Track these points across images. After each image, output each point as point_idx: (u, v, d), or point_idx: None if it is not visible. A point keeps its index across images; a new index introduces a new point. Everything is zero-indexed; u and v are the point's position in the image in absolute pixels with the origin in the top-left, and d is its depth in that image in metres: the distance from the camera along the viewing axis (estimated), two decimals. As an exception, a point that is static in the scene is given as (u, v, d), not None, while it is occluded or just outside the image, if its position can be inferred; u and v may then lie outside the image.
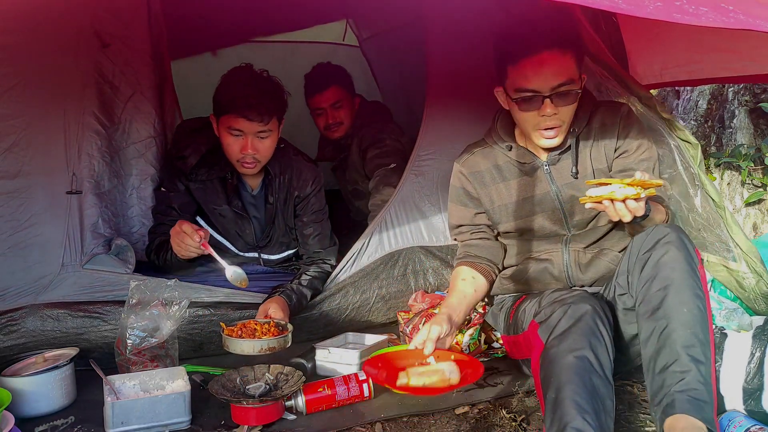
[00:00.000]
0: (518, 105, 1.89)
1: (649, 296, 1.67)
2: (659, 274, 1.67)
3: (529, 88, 1.85)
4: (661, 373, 1.58)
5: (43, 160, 2.25)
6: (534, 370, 1.72)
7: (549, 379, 1.60)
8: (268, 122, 2.31)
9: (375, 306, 2.57)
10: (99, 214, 2.36)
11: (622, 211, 1.66)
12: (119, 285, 2.26)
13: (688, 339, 1.57)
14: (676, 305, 1.61)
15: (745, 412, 1.72)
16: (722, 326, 1.84)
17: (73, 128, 2.31)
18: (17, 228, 2.20)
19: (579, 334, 1.63)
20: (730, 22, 1.25)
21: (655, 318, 1.63)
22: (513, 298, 2.11)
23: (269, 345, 1.96)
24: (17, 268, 2.20)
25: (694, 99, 4.11)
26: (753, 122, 3.76)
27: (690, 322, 1.59)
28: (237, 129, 2.30)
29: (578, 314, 1.67)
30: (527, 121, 1.91)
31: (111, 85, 2.43)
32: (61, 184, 2.29)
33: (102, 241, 2.36)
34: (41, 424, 1.83)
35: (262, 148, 2.35)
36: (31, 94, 2.22)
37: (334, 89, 3.14)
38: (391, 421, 1.86)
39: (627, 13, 1.26)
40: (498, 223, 2.11)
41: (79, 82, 2.33)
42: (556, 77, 1.84)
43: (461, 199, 2.13)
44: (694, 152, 2.02)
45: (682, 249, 1.67)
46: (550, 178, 2.02)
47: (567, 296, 1.78)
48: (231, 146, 2.34)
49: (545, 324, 1.73)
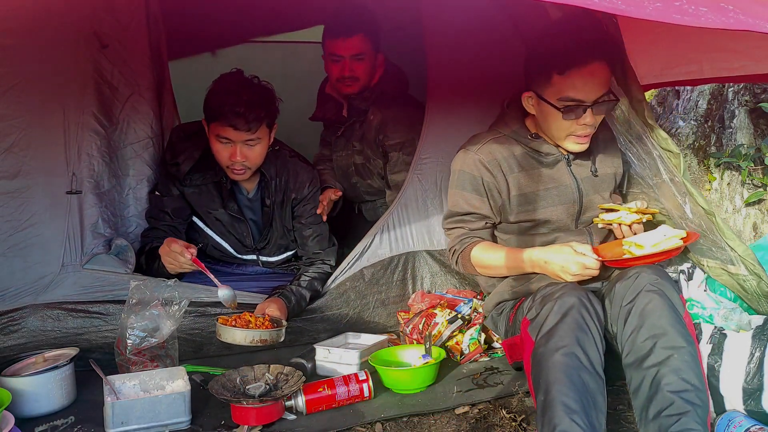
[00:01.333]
0: (563, 113, 1.93)
1: (637, 346, 1.65)
2: (645, 323, 1.66)
3: (576, 98, 1.91)
4: (655, 419, 1.56)
5: (43, 160, 2.25)
6: (526, 370, 1.72)
7: (538, 380, 1.60)
8: (256, 130, 2.29)
9: (375, 311, 2.56)
10: (99, 214, 2.36)
11: (628, 233, 1.99)
12: (119, 285, 2.26)
13: (680, 384, 1.56)
14: (665, 352, 1.61)
15: (745, 412, 1.72)
16: (721, 326, 1.84)
17: (73, 128, 2.32)
18: (17, 228, 2.20)
19: (566, 330, 1.63)
20: (729, 23, 1.25)
21: (645, 367, 1.62)
22: (514, 302, 2.09)
23: (261, 337, 1.97)
24: (17, 269, 2.20)
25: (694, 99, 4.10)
26: (753, 122, 3.75)
27: (681, 368, 1.58)
28: (225, 137, 2.29)
29: (564, 309, 1.67)
30: (562, 128, 1.98)
31: (110, 86, 2.43)
32: (60, 184, 2.29)
33: (102, 241, 2.36)
34: (41, 424, 1.83)
35: (251, 156, 2.34)
36: (30, 95, 2.22)
37: (361, 38, 2.76)
38: (391, 421, 1.87)
39: (626, 14, 1.25)
40: (510, 214, 2.09)
41: (78, 83, 2.33)
42: (601, 88, 1.93)
43: (477, 188, 2.08)
44: (676, 162, 2.00)
45: (664, 297, 1.68)
46: (571, 172, 2.08)
47: (556, 289, 1.77)
48: (220, 153, 2.34)
49: (535, 322, 1.73)
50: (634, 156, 2.18)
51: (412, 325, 2.35)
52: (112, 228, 2.41)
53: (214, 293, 2.33)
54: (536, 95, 1.99)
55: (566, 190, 2.08)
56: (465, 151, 2.12)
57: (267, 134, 2.37)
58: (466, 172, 2.09)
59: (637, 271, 1.77)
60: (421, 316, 2.36)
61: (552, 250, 1.91)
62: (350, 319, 2.51)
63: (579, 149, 2.03)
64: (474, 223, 2.10)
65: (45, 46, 2.23)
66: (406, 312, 2.51)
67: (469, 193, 2.09)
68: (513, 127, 2.11)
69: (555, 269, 1.88)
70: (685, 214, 2.02)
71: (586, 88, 1.91)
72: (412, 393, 2.02)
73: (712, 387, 1.74)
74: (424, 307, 2.44)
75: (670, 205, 2.08)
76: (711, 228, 1.95)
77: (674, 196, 2.04)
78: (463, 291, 2.58)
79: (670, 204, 2.07)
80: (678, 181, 2.01)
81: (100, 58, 2.40)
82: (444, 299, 2.48)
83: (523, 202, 2.07)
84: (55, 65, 2.28)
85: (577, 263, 1.83)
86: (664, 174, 2.07)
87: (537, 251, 1.94)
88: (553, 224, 2.08)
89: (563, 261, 1.86)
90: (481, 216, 2.10)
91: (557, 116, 1.95)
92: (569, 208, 2.08)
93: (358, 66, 2.79)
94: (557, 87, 1.93)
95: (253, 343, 1.97)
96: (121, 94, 2.47)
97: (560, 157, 2.09)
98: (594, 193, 2.11)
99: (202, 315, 2.32)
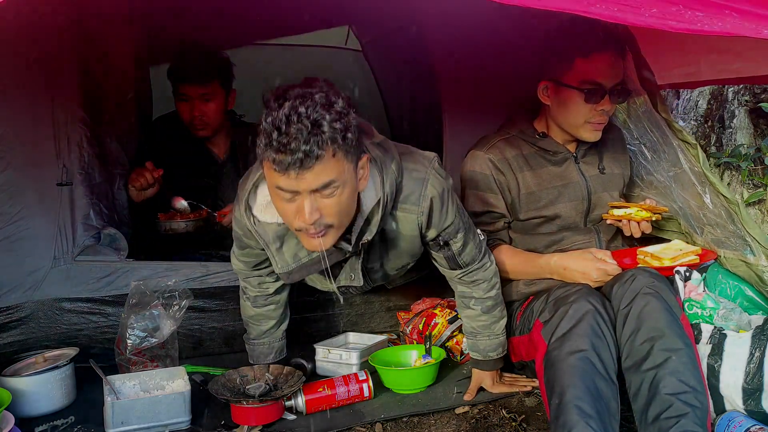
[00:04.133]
0: (585, 96, 1.98)
1: (635, 350, 1.65)
2: (643, 325, 1.66)
3: (597, 81, 1.97)
4: (654, 422, 1.55)
5: (33, 152, 2.23)
6: (538, 372, 1.71)
7: (552, 384, 1.59)
8: (208, 84, 2.59)
9: (378, 314, 2.54)
10: (90, 205, 2.33)
11: (636, 230, 2.02)
12: (115, 276, 2.26)
13: (678, 387, 1.56)
14: (663, 355, 1.61)
15: (745, 412, 1.71)
16: (721, 326, 1.84)
17: (62, 120, 2.29)
18: (7, 221, 2.18)
19: (581, 335, 1.62)
20: (726, 29, 1.25)
21: (643, 370, 1.62)
22: (521, 301, 2.09)
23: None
24: (8, 263, 2.18)
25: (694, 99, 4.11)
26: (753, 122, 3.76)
27: (679, 370, 1.58)
28: (183, 93, 2.61)
29: (579, 313, 1.67)
30: (581, 113, 2.01)
31: (94, 79, 2.41)
32: (51, 176, 2.26)
33: (93, 233, 2.34)
34: (41, 424, 1.84)
35: (207, 111, 2.63)
36: (17, 87, 2.19)
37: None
38: (391, 421, 1.87)
39: (623, 21, 1.26)
40: (519, 212, 2.11)
41: (65, 74, 2.31)
42: (618, 75, 2.01)
43: (490, 186, 2.10)
44: (694, 152, 2.04)
45: (661, 299, 1.68)
46: (580, 169, 2.12)
47: (570, 293, 1.77)
48: (182, 112, 2.64)
49: (548, 325, 1.72)
50: (651, 144, 2.20)
51: (412, 325, 2.35)
52: (105, 219, 2.38)
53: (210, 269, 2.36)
54: (554, 82, 2.02)
55: (575, 187, 2.11)
56: (474, 152, 2.14)
57: (222, 94, 2.65)
58: (477, 172, 2.11)
59: (633, 273, 1.78)
60: (421, 316, 2.36)
61: (572, 257, 1.93)
62: (351, 320, 2.51)
63: (594, 138, 2.07)
64: (491, 224, 2.12)
65: (31, 39, 2.20)
66: (406, 312, 2.51)
67: (483, 192, 2.11)
68: (521, 127, 2.15)
69: (575, 276, 1.89)
70: (704, 204, 2.04)
71: (606, 72, 1.97)
72: (412, 393, 2.02)
73: (711, 387, 1.74)
74: (424, 308, 2.44)
75: (688, 195, 2.09)
76: (730, 218, 1.95)
77: (694, 185, 2.07)
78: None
79: (688, 194, 2.09)
80: (698, 171, 2.03)
81: (85, 51, 2.38)
82: (444, 300, 2.48)
83: (532, 200, 2.10)
84: (41, 57, 2.24)
85: (599, 270, 1.85)
86: (684, 163, 2.11)
87: (556, 257, 1.96)
88: (561, 221, 2.10)
89: (584, 268, 1.87)
90: (498, 215, 2.12)
91: (578, 101, 1.99)
92: (578, 206, 2.11)
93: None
94: (580, 70, 1.97)
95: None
96: (106, 87, 2.45)
97: (568, 155, 2.13)
98: (602, 191, 2.15)
99: (202, 310, 2.32)
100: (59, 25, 2.29)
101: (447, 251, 1.88)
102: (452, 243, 1.87)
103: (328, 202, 1.51)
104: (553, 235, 2.11)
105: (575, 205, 2.11)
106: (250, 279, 2.03)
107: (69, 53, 2.33)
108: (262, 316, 2.07)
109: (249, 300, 2.06)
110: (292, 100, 1.43)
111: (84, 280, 2.25)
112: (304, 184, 1.45)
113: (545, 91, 2.07)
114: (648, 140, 2.22)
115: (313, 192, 1.48)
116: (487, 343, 2.01)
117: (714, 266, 2.12)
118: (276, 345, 2.11)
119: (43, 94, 2.27)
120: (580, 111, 2.01)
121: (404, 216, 1.75)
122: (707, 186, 2.02)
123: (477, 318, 2.01)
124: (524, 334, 1.97)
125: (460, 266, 1.93)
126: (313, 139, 1.41)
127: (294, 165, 1.41)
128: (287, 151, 1.40)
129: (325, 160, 1.43)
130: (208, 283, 2.34)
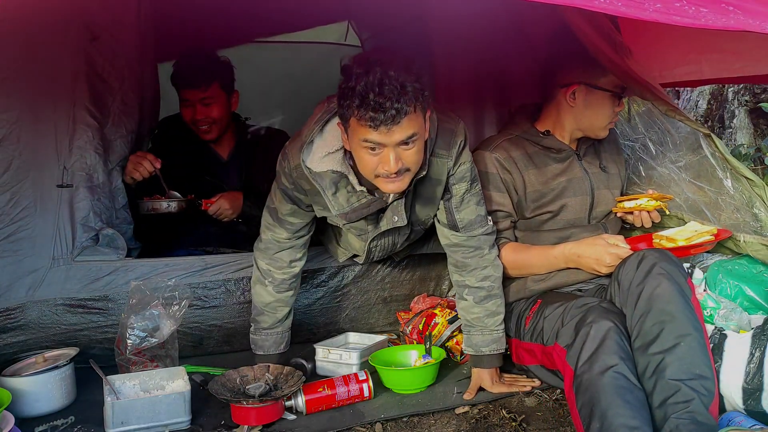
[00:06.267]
0: (615, 100, 2.11)
1: (645, 331, 1.65)
2: (653, 307, 1.66)
3: (622, 85, 2.11)
4: (661, 407, 1.55)
5: (34, 153, 2.22)
6: (569, 398, 1.68)
7: (590, 407, 1.57)
8: (207, 88, 2.59)
9: (375, 307, 2.55)
10: (90, 207, 2.32)
11: (647, 220, 2.10)
12: (114, 275, 2.26)
13: (685, 373, 1.56)
14: (673, 340, 1.60)
15: (745, 412, 1.71)
16: (721, 326, 1.84)
17: (64, 121, 2.28)
18: (7, 222, 2.18)
19: (608, 353, 1.62)
20: (730, 24, 1.25)
21: (651, 353, 1.62)
22: (527, 302, 2.08)
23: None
24: (7, 263, 2.18)
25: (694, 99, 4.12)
26: (753, 122, 3.76)
27: (687, 355, 1.58)
28: (185, 99, 2.63)
29: (602, 333, 1.66)
30: (608, 115, 2.12)
31: (100, 78, 2.39)
32: (51, 178, 2.26)
33: (92, 234, 2.33)
34: (41, 424, 1.83)
35: (210, 114, 2.64)
36: (20, 88, 2.19)
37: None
38: (391, 421, 1.87)
39: (627, 16, 1.26)
40: (526, 210, 2.13)
41: (69, 75, 2.30)
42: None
43: (497, 185, 2.12)
44: (709, 140, 2.07)
45: (673, 281, 1.67)
46: (583, 166, 2.18)
47: (587, 313, 1.74)
48: (185, 115, 2.66)
49: (572, 350, 1.70)
50: (657, 137, 2.24)
51: (412, 325, 2.35)
52: (105, 221, 2.37)
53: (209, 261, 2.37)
54: (588, 86, 2.09)
55: (579, 182, 2.16)
56: (480, 152, 2.15)
57: (223, 97, 2.66)
58: (483, 171, 2.12)
59: (643, 252, 1.77)
60: (421, 316, 2.36)
61: (585, 244, 1.95)
62: (349, 314, 2.51)
63: (606, 135, 2.17)
64: (498, 224, 2.11)
65: (35, 39, 2.20)
66: (406, 312, 2.51)
67: (490, 191, 2.12)
68: (524, 128, 2.20)
69: (590, 263, 1.91)
70: (723, 189, 2.06)
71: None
72: (412, 393, 2.02)
73: (712, 387, 1.74)
74: (424, 308, 2.44)
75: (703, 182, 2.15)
76: (753, 201, 1.95)
77: (714, 170, 2.11)
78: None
79: (704, 180, 2.14)
80: (719, 156, 2.05)
81: (91, 50, 2.36)
82: (444, 300, 2.48)
83: (538, 197, 2.13)
84: (46, 58, 2.24)
85: (612, 254, 1.86)
86: (705, 149, 2.13)
87: (569, 246, 1.98)
88: (568, 217, 2.13)
89: (597, 254, 1.89)
90: (505, 213, 2.13)
91: (608, 103, 2.10)
92: (582, 201, 2.15)
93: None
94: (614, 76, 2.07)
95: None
96: (112, 86, 2.43)
97: (571, 153, 2.18)
98: (604, 188, 2.19)
99: (201, 308, 2.32)
100: (65, 24, 2.29)
101: (447, 200, 2.01)
102: (455, 189, 1.99)
103: (409, 152, 1.75)
104: (559, 231, 2.12)
105: (580, 200, 2.14)
106: (282, 254, 2.09)
107: (74, 53, 2.32)
108: (281, 302, 2.12)
109: (272, 284, 2.10)
110: (380, 65, 1.65)
111: (83, 280, 2.24)
112: (394, 136, 1.69)
113: (573, 96, 2.10)
114: (654, 133, 2.23)
115: (397, 144, 1.70)
116: (479, 338, 2.02)
117: (715, 266, 2.13)
118: (287, 335, 2.17)
119: (45, 96, 2.26)
120: (608, 113, 2.11)
121: (437, 161, 1.93)
122: (728, 171, 2.03)
123: (470, 310, 2.04)
124: (535, 342, 1.95)
125: (457, 227, 2.01)
126: (402, 99, 1.65)
127: (386, 121, 1.65)
128: (382, 110, 1.63)
129: (410, 115, 1.68)
130: (208, 276, 2.35)
